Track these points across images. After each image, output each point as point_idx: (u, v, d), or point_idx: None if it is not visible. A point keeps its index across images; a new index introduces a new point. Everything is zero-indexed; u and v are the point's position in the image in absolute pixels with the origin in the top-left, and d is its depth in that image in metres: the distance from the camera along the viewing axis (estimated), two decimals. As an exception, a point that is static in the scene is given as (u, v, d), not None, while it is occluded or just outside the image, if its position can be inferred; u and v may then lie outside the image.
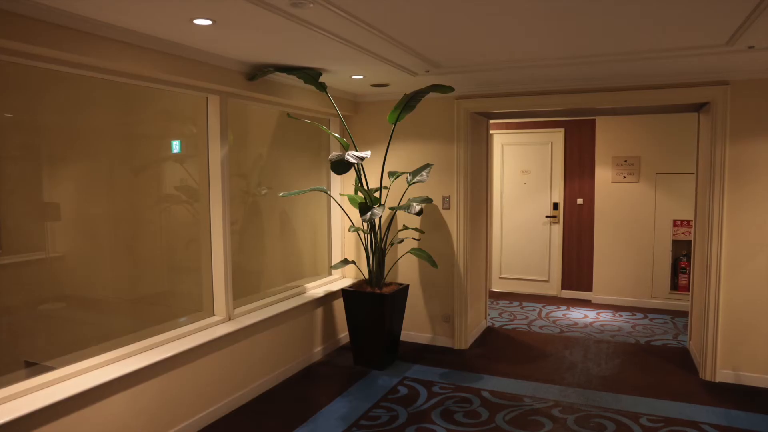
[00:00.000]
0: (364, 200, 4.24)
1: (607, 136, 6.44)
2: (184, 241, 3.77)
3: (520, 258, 7.10)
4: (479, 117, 5.21)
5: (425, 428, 3.42)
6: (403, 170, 4.91)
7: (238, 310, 3.93)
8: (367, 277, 4.63)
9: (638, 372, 4.36)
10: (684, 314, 5.96)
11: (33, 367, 2.73)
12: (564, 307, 6.41)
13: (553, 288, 6.97)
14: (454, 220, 4.92)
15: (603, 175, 6.48)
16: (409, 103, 4.02)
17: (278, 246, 4.64)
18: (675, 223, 6.25)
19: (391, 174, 4.78)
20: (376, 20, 2.74)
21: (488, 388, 4.04)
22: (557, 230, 6.87)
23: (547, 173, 6.90)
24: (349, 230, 4.81)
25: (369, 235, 4.45)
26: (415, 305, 5.10)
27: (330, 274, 5.27)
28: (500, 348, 5.01)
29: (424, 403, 3.79)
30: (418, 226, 4.95)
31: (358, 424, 3.47)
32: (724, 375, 4.16)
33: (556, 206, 6.87)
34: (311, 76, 3.86)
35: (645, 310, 6.24)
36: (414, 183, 4.52)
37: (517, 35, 3.03)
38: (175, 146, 3.69)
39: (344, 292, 4.51)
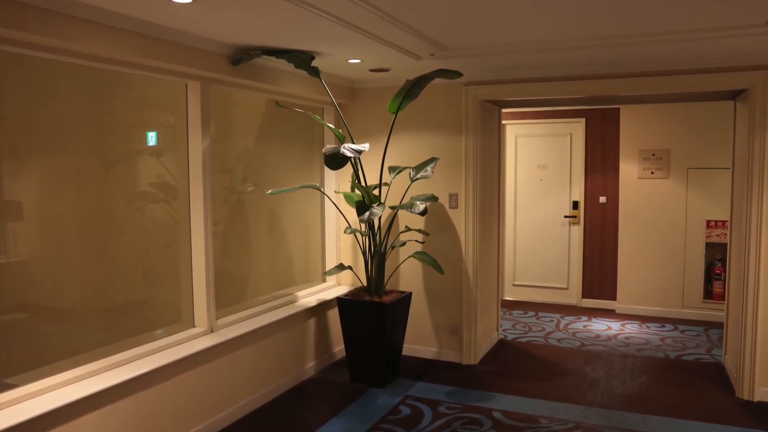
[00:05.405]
0: (361, 198, 4.24)
1: (633, 127, 6.44)
2: (161, 244, 3.77)
3: (535, 263, 7.10)
4: (490, 105, 5.21)
5: (430, 453, 3.42)
6: (405, 165, 4.91)
7: (221, 321, 3.92)
8: (365, 284, 4.63)
9: (668, 390, 4.36)
10: (719, 326, 5.95)
11: (-8, 384, 2.73)
12: (585, 318, 6.41)
13: (573, 296, 6.97)
14: (462, 221, 4.92)
15: (628, 171, 6.48)
16: (412, 90, 4.01)
17: (266, 250, 4.64)
18: (709, 224, 6.25)
19: (392, 169, 4.78)
20: (375, -3, 2.73)
21: (500, 408, 4.03)
22: (577, 232, 6.87)
23: (566, 168, 6.90)
24: (345, 232, 4.81)
25: (367, 238, 4.45)
26: (418, 316, 5.10)
27: (324, 280, 5.27)
28: (513, 363, 5.01)
29: (429, 425, 3.79)
30: (422, 227, 4.95)
31: (355, 448, 3.47)
32: (763, 393, 4.15)
33: (575, 205, 6.87)
34: (303, 59, 3.86)
35: (675, 321, 6.23)
36: (417, 179, 4.52)
37: (530, 13, 3.02)
38: (151, 138, 3.69)
39: (340, 301, 4.51)
